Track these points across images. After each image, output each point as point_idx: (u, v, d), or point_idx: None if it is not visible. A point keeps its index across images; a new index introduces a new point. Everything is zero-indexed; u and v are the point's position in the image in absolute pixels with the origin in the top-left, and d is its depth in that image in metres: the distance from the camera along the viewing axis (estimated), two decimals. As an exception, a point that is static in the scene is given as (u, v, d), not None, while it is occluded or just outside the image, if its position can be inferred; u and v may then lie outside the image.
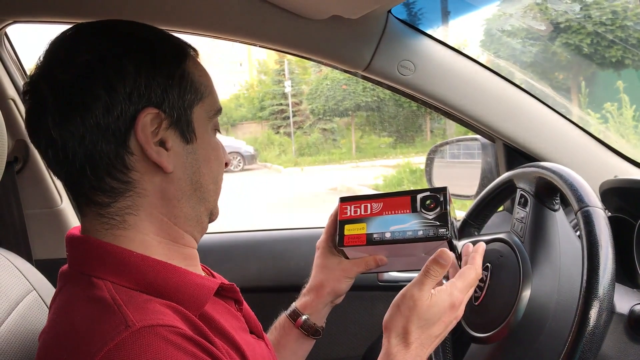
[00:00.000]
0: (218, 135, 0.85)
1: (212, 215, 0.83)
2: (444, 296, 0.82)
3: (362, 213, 0.98)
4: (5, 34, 1.44)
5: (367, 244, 0.95)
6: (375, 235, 0.95)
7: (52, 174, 1.51)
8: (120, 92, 0.70)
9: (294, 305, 1.05)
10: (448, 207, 0.93)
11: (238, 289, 0.84)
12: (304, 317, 1.02)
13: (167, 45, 0.77)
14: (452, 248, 0.94)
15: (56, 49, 0.74)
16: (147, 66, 0.72)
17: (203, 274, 0.84)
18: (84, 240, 0.74)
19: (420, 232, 0.93)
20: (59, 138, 0.71)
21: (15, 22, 1.36)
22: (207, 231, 0.85)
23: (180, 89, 0.75)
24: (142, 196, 0.74)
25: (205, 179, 0.79)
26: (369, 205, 0.99)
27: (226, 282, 0.83)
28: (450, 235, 0.91)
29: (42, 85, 0.72)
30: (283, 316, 1.05)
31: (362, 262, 0.99)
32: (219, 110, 0.82)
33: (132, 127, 0.71)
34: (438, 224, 0.92)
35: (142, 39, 0.75)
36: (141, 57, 0.72)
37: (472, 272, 0.86)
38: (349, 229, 0.98)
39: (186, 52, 0.79)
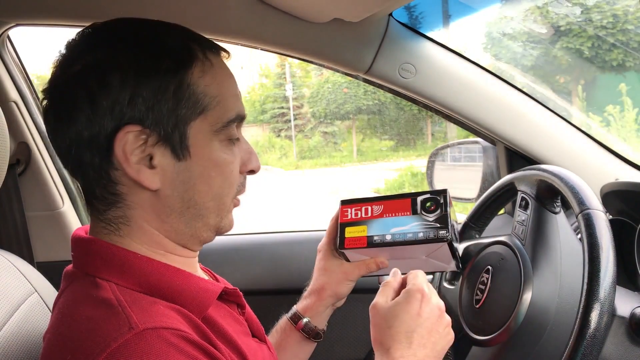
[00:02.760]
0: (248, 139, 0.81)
1: (221, 229, 0.79)
2: (402, 295, 0.82)
3: (363, 216, 0.99)
4: (8, 37, 1.45)
5: (368, 246, 0.96)
6: (375, 238, 0.95)
7: (53, 177, 1.52)
8: (101, 106, 0.68)
9: (295, 308, 1.05)
10: (448, 209, 0.93)
11: (241, 293, 0.84)
12: (305, 319, 1.02)
13: (165, 53, 0.71)
14: (453, 250, 0.94)
15: (64, 53, 0.74)
16: (133, 79, 0.69)
17: (206, 277, 0.84)
18: (90, 241, 0.74)
19: (421, 234, 0.93)
20: (55, 144, 0.74)
21: (17, 24, 1.37)
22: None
23: (173, 102, 0.70)
24: (132, 209, 0.73)
25: (202, 196, 0.74)
26: (369, 207, 0.99)
27: (230, 286, 0.83)
28: (450, 237, 0.91)
29: (47, 88, 0.73)
30: (284, 319, 1.05)
31: (363, 265, 0.99)
32: (232, 120, 0.75)
33: (113, 143, 0.69)
34: (438, 225, 0.92)
35: (134, 47, 0.71)
36: (128, 69, 0.69)
37: (415, 272, 0.86)
38: (350, 232, 0.98)
39: (192, 59, 0.72)
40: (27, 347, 0.89)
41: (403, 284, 0.86)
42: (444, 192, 0.95)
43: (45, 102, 0.74)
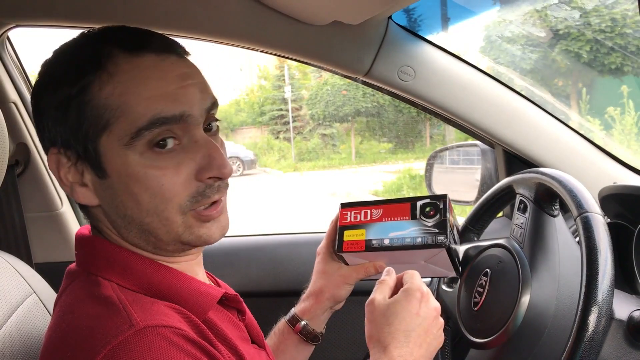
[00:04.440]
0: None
1: (188, 243, 0.73)
2: (400, 294, 0.83)
3: (362, 219, 0.99)
4: (8, 38, 1.45)
5: (366, 250, 0.96)
6: (374, 242, 0.95)
7: (52, 178, 1.52)
8: (39, 129, 0.72)
9: (293, 310, 1.05)
10: (448, 214, 0.93)
11: (242, 299, 0.84)
12: (303, 322, 1.02)
13: (71, 66, 0.68)
14: (452, 255, 0.94)
15: None
16: (47, 99, 0.69)
17: (208, 281, 0.84)
18: (93, 240, 0.75)
19: (419, 239, 0.93)
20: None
21: (17, 25, 1.37)
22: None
23: (77, 120, 0.67)
24: (96, 220, 0.75)
25: (135, 213, 0.70)
26: (369, 211, 0.99)
27: (231, 291, 0.83)
28: (448, 242, 0.91)
29: None
30: (282, 321, 1.05)
31: (361, 269, 0.99)
32: (143, 128, 0.66)
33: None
34: (437, 231, 0.92)
35: (56, 66, 0.71)
36: (45, 88, 0.70)
37: (410, 271, 0.88)
38: (349, 235, 0.98)
39: (93, 70, 0.67)
40: (26, 348, 0.89)
41: (399, 283, 0.87)
42: (443, 198, 0.95)
43: None
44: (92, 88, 0.67)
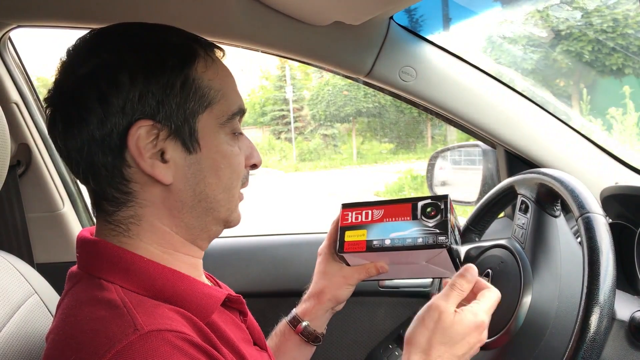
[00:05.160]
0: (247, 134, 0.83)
1: (229, 223, 0.81)
2: (469, 315, 0.81)
3: (363, 220, 0.98)
4: (9, 38, 1.45)
5: (367, 250, 0.95)
6: (374, 242, 0.95)
7: (54, 178, 1.52)
8: (113, 105, 0.70)
9: (294, 311, 1.04)
10: (449, 215, 0.93)
11: (244, 300, 0.84)
12: (304, 323, 1.02)
13: (169, 50, 0.74)
14: (453, 256, 0.94)
15: (66, 58, 0.75)
16: (142, 76, 0.71)
17: (209, 283, 0.84)
18: (96, 243, 0.75)
19: (420, 240, 0.92)
20: (64, 148, 0.74)
21: (19, 26, 1.37)
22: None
23: (181, 97, 0.73)
24: (144, 206, 0.74)
25: (212, 189, 0.76)
26: (370, 212, 0.99)
27: (233, 293, 0.83)
28: (449, 243, 0.91)
29: (52, 94, 0.74)
30: (283, 322, 1.05)
31: (363, 269, 0.99)
32: (236, 114, 0.78)
33: (126, 140, 0.71)
34: (438, 231, 0.92)
35: (139, 47, 0.73)
36: (136, 67, 0.71)
37: (494, 294, 0.85)
38: (350, 235, 0.98)
39: (194, 55, 0.75)
40: (27, 348, 0.89)
41: (475, 290, 0.86)
42: (445, 198, 0.95)
43: (49, 108, 0.74)
44: (197, 70, 0.75)
